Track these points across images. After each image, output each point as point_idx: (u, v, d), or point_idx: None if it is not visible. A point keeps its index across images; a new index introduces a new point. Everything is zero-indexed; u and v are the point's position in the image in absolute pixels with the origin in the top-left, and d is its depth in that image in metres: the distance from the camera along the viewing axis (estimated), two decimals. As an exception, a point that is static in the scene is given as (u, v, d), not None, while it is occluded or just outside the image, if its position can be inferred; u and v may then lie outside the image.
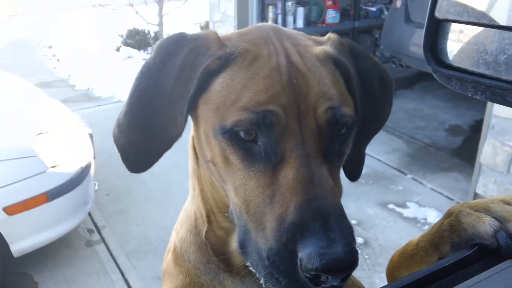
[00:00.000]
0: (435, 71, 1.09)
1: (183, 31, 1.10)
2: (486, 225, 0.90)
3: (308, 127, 0.98)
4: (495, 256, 0.85)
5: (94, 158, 4.92)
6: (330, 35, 1.18)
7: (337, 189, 1.01)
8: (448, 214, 1.01)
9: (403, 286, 0.81)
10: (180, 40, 1.06)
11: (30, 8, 17.53)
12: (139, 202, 5.43)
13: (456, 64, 1.06)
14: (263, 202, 0.95)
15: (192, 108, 1.06)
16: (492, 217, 0.92)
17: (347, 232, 0.89)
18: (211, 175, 1.11)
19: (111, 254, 4.62)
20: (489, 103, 4.78)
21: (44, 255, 4.44)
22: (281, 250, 0.89)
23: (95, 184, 5.03)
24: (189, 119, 1.09)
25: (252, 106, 0.95)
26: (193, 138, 1.15)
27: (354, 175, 1.26)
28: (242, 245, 1.01)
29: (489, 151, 4.87)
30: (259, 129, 0.96)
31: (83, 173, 4.41)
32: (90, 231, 4.97)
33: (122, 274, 4.36)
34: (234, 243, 1.13)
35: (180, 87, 1.03)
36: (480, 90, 1.01)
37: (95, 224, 5.08)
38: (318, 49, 1.11)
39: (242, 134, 0.97)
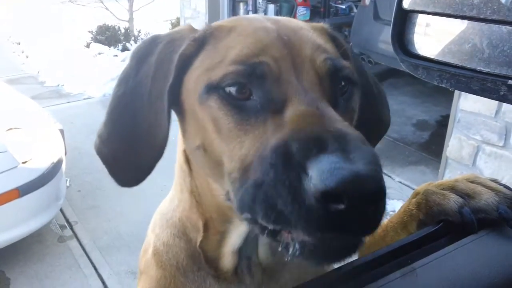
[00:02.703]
0: (403, 61, 1.14)
1: (157, 33, 1.08)
2: (451, 202, 0.94)
3: (308, 79, 0.90)
4: (460, 232, 0.89)
5: (65, 154, 4.88)
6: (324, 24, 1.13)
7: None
8: (415, 194, 1.06)
9: (371, 260, 0.82)
10: (153, 39, 1.04)
11: (-4, 3, 17.14)
12: (110, 198, 5.40)
13: (422, 53, 1.12)
14: (266, 141, 0.83)
15: (175, 103, 1.00)
16: (456, 194, 0.96)
17: (371, 154, 0.74)
18: (203, 168, 1.02)
19: (83, 250, 4.60)
20: (455, 98, 4.92)
21: (16, 251, 4.40)
22: (285, 160, 0.75)
23: (66, 180, 4.99)
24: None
25: (240, 60, 0.89)
26: (183, 151, 1.09)
27: None
28: (243, 207, 0.85)
29: (455, 144, 5.01)
30: (251, 83, 0.88)
31: (55, 168, 4.39)
32: (62, 227, 4.94)
33: (95, 269, 4.34)
34: (227, 246, 1.09)
35: (159, 83, 0.97)
36: (446, 78, 1.07)
37: (67, 220, 5.04)
38: (311, 23, 1.09)
39: (233, 91, 0.89)
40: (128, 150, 0.99)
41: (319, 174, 0.69)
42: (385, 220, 1.11)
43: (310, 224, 0.71)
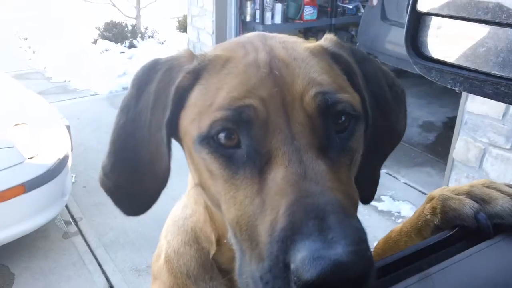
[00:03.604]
0: (416, 63, 1.14)
1: (157, 58, 1.04)
2: (467, 207, 0.94)
3: (296, 120, 0.86)
4: (475, 237, 0.90)
5: (72, 150, 4.89)
6: (327, 35, 1.09)
7: (344, 189, 0.84)
8: (429, 199, 1.05)
9: (386, 265, 0.83)
10: (153, 66, 1.01)
11: (4, -2, 17.19)
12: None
13: (436, 56, 1.11)
14: (254, 214, 0.82)
15: (175, 134, 0.99)
16: (472, 199, 0.96)
17: (352, 231, 0.72)
18: (206, 202, 1.03)
19: (88, 246, 4.61)
20: (462, 99, 4.89)
21: (21, 246, 4.41)
22: (273, 265, 0.74)
23: (72, 176, 5.00)
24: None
25: (227, 104, 0.87)
26: None
27: (366, 197, 1.11)
28: (240, 273, 0.86)
29: (461, 146, 4.99)
30: (238, 129, 0.86)
31: (61, 164, 4.39)
32: (67, 223, 4.95)
33: (100, 265, 4.35)
34: None
35: (157, 115, 0.96)
36: (459, 81, 1.06)
37: (72, 216, 5.06)
38: (311, 44, 1.03)
39: (221, 138, 0.87)
40: (131, 181, 0.99)
41: (298, 266, 0.69)
42: (399, 225, 1.11)
43: None
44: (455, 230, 0.93)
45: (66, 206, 5.04)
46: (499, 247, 0.87)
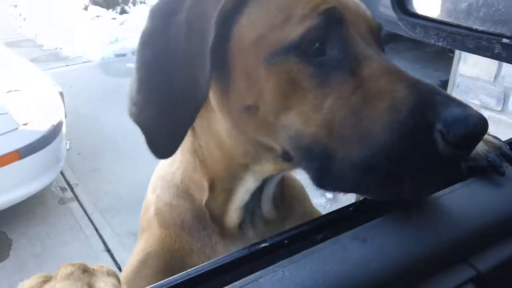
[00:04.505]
0: (401, 19, 1.16)
1: None
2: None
3: (365, 30, 0.92)
4: None
5: (65, 116, 4.90)
6: None
7: None
8: None
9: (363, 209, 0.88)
10: None
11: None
12: (111, 160, 5.44)
13: (420, 12, 1.13)
14: (353, 111, 0.81)
15: (216, 61, 0.92)
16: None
17: (472, 109, 0.78)
18: (245, 126, 0.97)
19: (84, 211, 4.66)
20: (454, 62, 4.91)
21: (18, 212, 4.46)
22: (418, 119, 0.76)
23: (66, 143, 5.02)
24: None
25: (312, 12, 0.85)
26: None
27: None
28: (322, 182, 0.86)
29: (453, 109, 5.02)
30: (328, 34, 0.85)
31: (55, 131, 4.40)
32: (63, 189, 4.99)
33: (97, 230, 4.41)
34: (234, 203, 1.10)
35: (195, 42, 0.90)
36: (442, 37, 1.09)
37: (67, 183, 5.09)
38: None
39: (314, 46, 0.85)
40: (166, 116, 0.94)
41: (449, 124, 0.74)
42: None
43: (443, 175, 0.79)
44: None
45: (62, 173, 5.08)
46: (472, 188, 0.93)
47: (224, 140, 1.02)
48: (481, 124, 0.75)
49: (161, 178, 1.22)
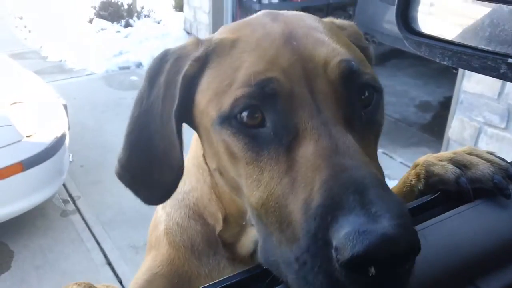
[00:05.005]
0: (406, 38, 1.16)
1: (168, 48, 1.02)
2: (449, 172, 0.99)
3: (320, 89, 0.83)
4: (456, 200, 0.95)
5: (69, 129, 4.91)
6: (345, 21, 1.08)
7: (375, 165, 0.82)
8: (414, 165, 1.09)
9: None
10: (163, 57, 0.99)
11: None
12: (113, 173, 5.38)
13: (425, 31, 1.14)
14: (283, 195, 0.77)
15: (189, 121, 0.97)
16: (454, 165, 1.01)
17: (395, 204, 0.68)
18: (223, 185, 0.98)
19: (86, 224, 4.65)
20: (458, 79, 4.91)
21: (20, 224, 4.45)
22: (311, 243, 0.69)
23: (69, 155, 5.03)
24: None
25: (249, 80, 0.82)
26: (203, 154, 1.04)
27: None
28: (266, 258, 0.82)
29: (457, 126, 5.03)
30: (263, 105, 0.82)
31: (58, 143, 4.42)
32: (65, 201, 4.99)
33: (98, 243, 4.40)
34: (248, 236, 1.06)
35: (168, 105, 0.93)
36: (447, 56, 1.09)
37: (70, 195, 5.09)
38: (327, 20, 1.02)
39: (244, 117, 0.82)
40: (148, 173, 0.97)
41: (342, 242, 0.64)
42: None
43: None
44: (437, 194, 0.98)
45: (64, 185, 5.07)
46: (478, 210, 0.92)
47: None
48: (387, 244, 0.62)
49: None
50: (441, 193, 0.98)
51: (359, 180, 0.71)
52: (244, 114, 0.82)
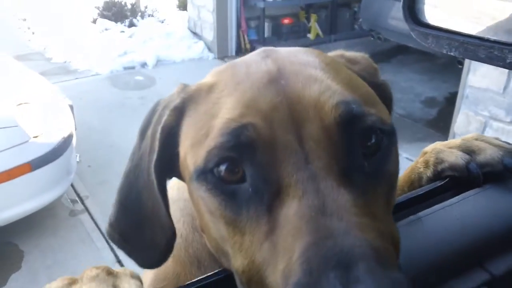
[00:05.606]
0: (413, 30, 1.17)
1: (161, 98, 0.93)
2: (458, 158, 0.99)
3: (311, 136, 0.69)
4: (466, 186, 0.96)
5: (75, 129, 4.93)
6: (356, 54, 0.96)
7: (379, 227, 0.65)
8: (423, 153, 1.10)
9: None
10: (154, 107, 0.92)
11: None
12: (120, 173, 5.44)
13: (432, 22, 1.15)
14: (263, 263, 0.66)
15: (177, 175, 0.88)
16: (463, 151, 1.02)
17: (389, 284, 0.54)
18: (210, 244, 0.86)
19: (95, 223, 4.68)
20: (464, 73, 4.91)
21: (29, 224, 4.48)
22: None
23: (77, 155, 5.05)
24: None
25: (224, 129, 0.71)
26: None
27: None
28: None
29: (462, 120, 5.02)
30: (241, 158, 0.69)
31: (65, 143, 4.44)
32: (73, 201, 5.01)
33: (108, 242, 4.40)
34: None
35: (151, 159, 0.85)
36: (454, 46, 1.10)
37: (78, 195, 5.12)
38: (334, 54, 0.92)
39: (222, 171, 0.70)
40: (139, 232, 0.88)
41: None
42: None
43: None
44: (446, 180, 0.99)
45: (72, 185, 5.10)
46: (488, 195, 0.94)
47: None
48: None
49: (172, 202, 1.08)
50: (450, 179, 0.99)
51: (346, 249, 0.57)
52: (222, 168, 0.70)
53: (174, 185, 1.07)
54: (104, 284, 0.69)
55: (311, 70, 0.76)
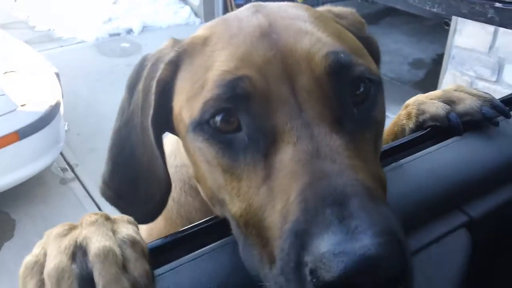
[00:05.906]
0: (396, -14, 1.18)
1: (147, 53, 0.95)
2: (439, 109, 1.02)
3: (303, 86, 0.73)
4: (446, 135, 1.00)
5: (62, 97, 4.90)
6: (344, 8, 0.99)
7: (369, 168, 0.71)
8: (405, 106, 1.14)
9: None
10: (142, 62, 0.92)
11: None
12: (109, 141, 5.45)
13: (415, -22, 1.15)
14: (261, 206, 0.69)
15: (171, 128, 0.90)
16: (444, 102, 1.05)
17: (380, 217, 0.59)
18: (205, 195, 0.89)
19: (86, 190, 4.69)
20: (450, 34, 4.92)
21: (20, 193, 4.49)
22: (285, 265, 0.62)
23: (65, 124, 5.03)
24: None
25: (219, 81, 0.74)
26: None
27: None
28: (250, 267, 0.74)
29: (449, 80, 5.05)
30: (236, 108, 0.73)
31: (53, 111, 4.42)
32: (63, 169, 5.02)
33: (99, 208, 4.43)
34: None
35: (146, 113, 0.87)
36: (437, 2, 1.11)
37: (68, 163, 5.12)
38: (322, 9, 0.94)
39: (218, 122, 0.74)
40: (133, 188, 0.90)
41: (316, 266, 0.57)
42: None
43: None
44: (427, 130, 1.02)
45: (61, 154, 5.09)
46: (467, 142, 0.98)
47: None
48: (367, 268, 0.55)
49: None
50: (431, 129, 1.02)
51: (340, 188, 0.62)
52: (218, 118, 0.74)
53: (166, 149, 1.06)
54: (104, 227, 0.71)
55: (301, 23, 0.80)
